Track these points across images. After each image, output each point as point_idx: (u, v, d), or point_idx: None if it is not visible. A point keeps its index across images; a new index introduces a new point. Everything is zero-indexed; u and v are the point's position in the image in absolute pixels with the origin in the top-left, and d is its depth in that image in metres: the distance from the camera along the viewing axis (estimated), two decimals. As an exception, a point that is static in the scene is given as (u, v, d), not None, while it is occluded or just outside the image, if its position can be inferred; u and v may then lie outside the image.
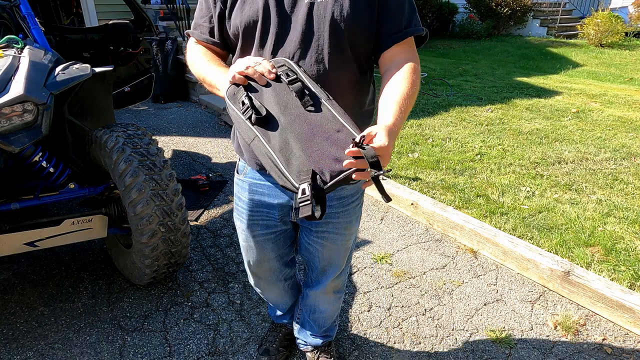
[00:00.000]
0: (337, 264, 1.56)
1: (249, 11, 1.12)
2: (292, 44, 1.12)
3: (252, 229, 1.43)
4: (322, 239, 1.44)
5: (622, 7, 12.00)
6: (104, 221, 2.19)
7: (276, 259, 1.54)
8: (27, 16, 2.51)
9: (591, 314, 2.21)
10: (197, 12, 1.26)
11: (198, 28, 1.25)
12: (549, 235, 2.68)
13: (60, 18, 6.09)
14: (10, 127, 1.78)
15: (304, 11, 1.10)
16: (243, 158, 1.35)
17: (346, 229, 1.44)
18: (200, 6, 1.23)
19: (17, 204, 2.04)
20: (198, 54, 1.24)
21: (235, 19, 1.15)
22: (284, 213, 1.39)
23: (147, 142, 2.13)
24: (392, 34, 1.14)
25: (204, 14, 1.22)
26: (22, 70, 1.90)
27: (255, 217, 1.41)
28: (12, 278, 2.44)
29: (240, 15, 1.14)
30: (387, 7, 1.13)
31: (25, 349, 1.96)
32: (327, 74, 1.12)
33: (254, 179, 1.36)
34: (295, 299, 1.83)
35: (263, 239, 1.45)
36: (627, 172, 3.61)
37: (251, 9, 1.12)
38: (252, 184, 1.37)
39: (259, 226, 1.42)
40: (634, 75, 7.61)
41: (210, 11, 1.19)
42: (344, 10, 1.09)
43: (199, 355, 1.95)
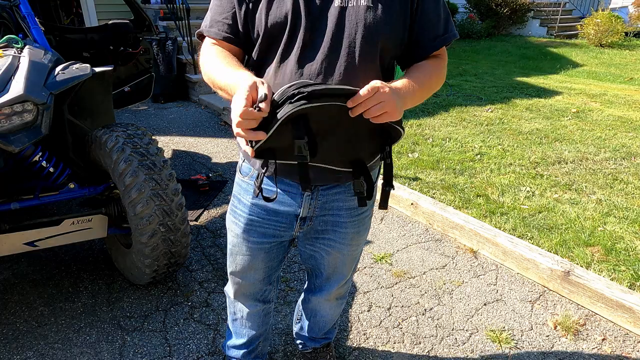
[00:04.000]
0: (342, 273, 1.52)
1: (277, 12, 1.05)
2: (321, 51, 1.05)
3: (249, 234, 1.34)
4: (328, 247, 1.39)
5: (622, 7, 12.01)
6: (104, 221, 2.19)
7: (264, 270, 1.44)
8: (27, 16, 2.51)
9: (591, 313, 2.21)
10: (214, 8, 1.15)
11: (215, 26, 1.14)
12: (549, 235, 2.68)
13: (60, 18, 6.09)
14: (10, 127, 1.78)
15: (334, 16, 1.03)
16: (250, 163, 1.28)
17: (353, 240, 1.38)
18: (219, 2, 1.13)
19: (17, 204, 2.04)
20: (214, 55, 1.13)
21: (260, 18, 1.07)
22: (287, 223, 1.30)
23: (147, 142, 2.13)
24: (429, 41, 1.10)
25: (225, 9, 1.12)
26: (22, 70, 1.90)
27: (254, 223, 1.32)
28: (12, 278, 2.44)
29: (266, 15, 1.06)
30: (424, 14, 1.07)
31: (25, 349, 1.96)
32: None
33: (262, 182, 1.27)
34: (262, 331, 1.69)
35: (257, 247, 1.36)
36: (627, 172, 3.61)
37: (279, 9, 1.04)
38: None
39: (256, 233, 1.33)
40: (634, 75, 7.61)
41: (234, 7, 1.10)
42: (378, 16, 1.03)
43: (199, 355, 1.95)
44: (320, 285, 1.57)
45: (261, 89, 0.89)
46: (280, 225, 1.31)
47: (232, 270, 1.48)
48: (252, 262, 1.40)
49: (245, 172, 1.31)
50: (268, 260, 1.41)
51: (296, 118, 0.93)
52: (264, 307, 1.60)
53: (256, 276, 1.46)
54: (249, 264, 1.41)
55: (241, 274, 1.46)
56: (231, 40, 1.14)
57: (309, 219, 1.29)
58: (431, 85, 1.13)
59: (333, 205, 1.27)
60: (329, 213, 1.29)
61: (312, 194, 1.23)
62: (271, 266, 1.44)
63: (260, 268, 1.43)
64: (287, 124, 0.93)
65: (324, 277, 1.52)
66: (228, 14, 1.12)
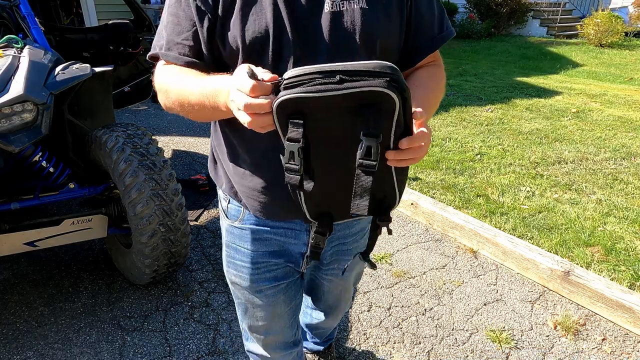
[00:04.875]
0: (346, 298, 1.44)
1: (256, 24, 0.86)
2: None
3: (258, 285, 1.16)
4: (331, 275, 1.27)
5: (622, 7, 12.01)
6: (104, 221, 2.19)
7: (288, 314, 1.27)
8: (27, 16, 2.51)
9: (591, 313, 2.21)
10: (168, 27, 0.93)
11: (174, 49, 0.93)
12: (549, 235, 2.68)
13: (60, 18, 6.09)
14: (10, 127, 1.78)
15: (327, 24, 0.87)
16: (237, 199, 1.08)
17: (357, 263, 1.27)
18: (175, 19, 0.92)
19: (17, 204, 2.04)
20: (177, 72, 0.93)
21: (234, 33, 0.88)
22: (293, 262, 1.16)
23: (147, 142, 2.13)
24: (426, 42, 0.99)
25: (184, 29, 0.91)
26: (22, 70, 1.90)
27: (261, 270, 1.14)
28: (12, 278, 2.44)
29: (241, 30, 0.87)
30: (418, 13, 0.96)
31: (25, 349, 1.96)
32: None
33: (258, 225, 1.09)
34: None
35: (273, 292, 1.18)
36: (627, 172, 3.61)
37: (258, 21, 0.86)
38: (255, 231, 1.10)
39: (267, 280, 1.15)
40: (634, 75, 7.61)
41: (194, 25, 0.90)
42: (376, 19, 0.89)
43: (199, 355, 1.95)
44: (322, 309, 1.47)
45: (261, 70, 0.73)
46: (288, 266, 1.16)
47: (252, 325, 1.29)
48: (275, 309, 1.22)
49: (234, 214, 1.11)
50: (289, 300, 1.23)
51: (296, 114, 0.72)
52: (297, 350, 1.43)
53: (282, 323, 1.28)
54: (272, 313, 1.23)
55: (265, 328, 1.28)
56: (195, 65, 0.92)
57: None
58: (436, 104, 1.01)
59: (339, 235, 1.17)
60: (335, 243, 1.18)
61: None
62: (295, 305, 1.27)
63: (284, 313, 1.25)
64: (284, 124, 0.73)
65: (326, 304, 1.42)
66: (188, 33, 0.91)
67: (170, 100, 0.94)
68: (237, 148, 1.01)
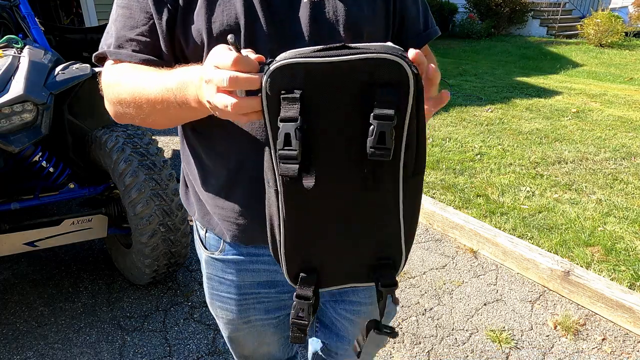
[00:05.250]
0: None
1: (224, 15, 0.75)
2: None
3: (246, 314, 1.01)
4: (352, 313, 1.04)
5: (622, 7, 12.01)
6: (104, 221, 2.19)
7: (278, 342, 1.13)
8: (27, 16, 2.51)
9: (591, 313, 2.21)
10: (118, 21, 0.80)
11: (127, 45, 0.79)
12: (549, 235, 2.68)
13: (60, 18, 6.10)
14: (10, 127, 1.78)
15: (306, 14, 0.77)
16: (213, 228, 0.94)
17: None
18: (127, 12, 0.78)
19: (17, 204, 2.04)
20: (129, 69, 0.79)
21: (198, 26, 0.76)
22: (288, 291, 0.99)
23: (147, 142, 2.13)
24: (411, 39, 0.91)
25: (139, 22, 0.78)
26: (22, 70, 1.90)
27: (249, 302, 0.99)
28: (12, 278, 2.44)
29: (207, 21, 0.75)
30: (404, 7, 0.88)
31: (25, 349, 1.96)
32: None
33: (241, 254, 0.94)
34: None
35: (261, 323, 1.03)
36: (627, 172, 3.61)
37: (226, 12, 0.75)
38: (239, 262, 0.95)
39: (256, 310, 1.00)
40: (634, 75, 7.61)
41: (151, 17, 0.77)
42: (360, 10, 0.80)
43: (199, 355, 1.95)
44: (337, 349, 1.15)
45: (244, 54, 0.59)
46: (283, 296, 0.99)
47: (241, 354, 1.17)
48: (261, 338, 1.09)
49: (214, 244, 0.97)
50: (280, 332, 1.09)
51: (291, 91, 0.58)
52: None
53: (271, 350, 1.15)
54: (258, 340, 1.09)
55: (253, 354, 1.15)
56: (153, 63, 0.79)
57: None
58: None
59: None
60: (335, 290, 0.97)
61: None
62: (286, 336, 1.12)
63: (273, 341, 1.11)
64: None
65: (343, 345, 1.13)
66: (143, 28, 0.78)
67: (122, 102, 0.78)
68: (206, 161, 0.89)
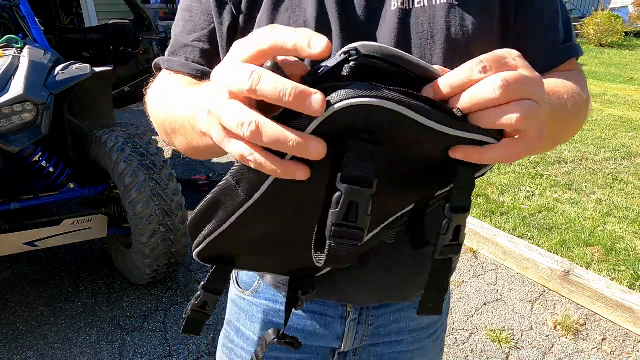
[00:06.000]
0: None
1: (290, 22, 0.61)
2: None
3: None
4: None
5: (622, 7, 12.01)
6: (104, 221, 2.19)
7: None
8: (27, 16, 2.51)
9: (591, 313, 2.21)
10: (178, 25, 0.69)
11: (181, 52, 0.67)
12: (549, 235, 2.68)
13: (60, 18, 6.10)
14: (10, 127, 1.78)
15: (393, 23, 0.60)
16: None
17: None
18: (187, 15, 0.67)
19: (17, 204, 2.05)
20: (172, 81, 0.67)
21: None
22: (319, 359, 0.82)
23: (147, 142, 2.13)
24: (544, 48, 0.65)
25: (197, 26, 0.66)
26: (22, 70, 1.90)
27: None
28: (12, 278, 2.44)
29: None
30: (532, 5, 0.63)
31: (25, 349, 1.96)
32: None
33: (276, 302, 0.78)
34: None
35: None
36: (627, 172, 3.61)
37: (293, 19, 0.61)
38: (270, 311, 0.79)
39: None
40: (634, 75, 7.61)
41: (211, 21, 0.65)
42: (470, 19, 0.60)
43: (199, 355, 1.95)
44: None
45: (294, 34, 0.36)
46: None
47: None
48: None
49: (247, 282, 0.82)
50: None
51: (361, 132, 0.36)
52: None
53: None
54: None
55: None
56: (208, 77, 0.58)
57: (353, 352, 0.81)
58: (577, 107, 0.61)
59: (391, 329, 0.80)
60: (384, 341, 0.81)
61: (358, 316, 0.77)
62: None
63: None
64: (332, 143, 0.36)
65: None
66: (202, 32, 0.66)
67: (156, 119, 0.64)
68: None
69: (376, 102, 0.34)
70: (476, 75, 0.36)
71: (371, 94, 0.34)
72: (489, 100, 0.35)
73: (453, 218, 0.44)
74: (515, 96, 0.35)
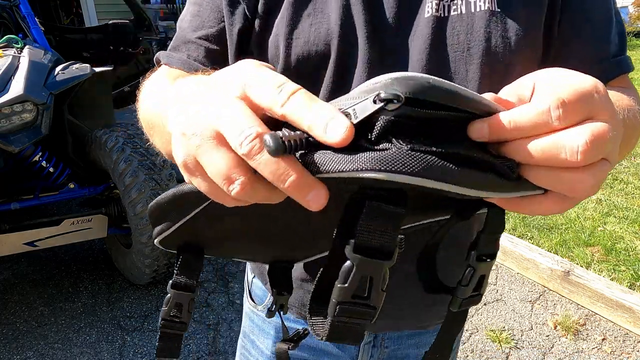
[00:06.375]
0: None
1: (312, 30, 0.54)
2: None
3: None
4: None
5: (622, 7, 12.02)
6: (104, 221, 2.19)
7: None
8: (27, 16, 2.51)
9: (591, 313, 2.21)
10: (185, 19, 0.62)
11: (183, 48, 0.61)
12: (549, 235, 2.68)
13: (60, 18, 6.10)
14: (10, 127, 1.78)
15: (426, 32, 0.53)
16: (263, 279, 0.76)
17: None
18: (196, 9, 0.61)
19: (17, 204, 2.05)
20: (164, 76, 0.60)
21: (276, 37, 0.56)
22: None
23: (147, 142, 2.13)
24: (591, 65, 0.56)
25: (205, 22, 0.59)
26: (22, 70, 1.90)
27: None
28: (12, 278, 2.44)
29: (289, 32, 0.55)
30: (581, 11, 0.56)
31: (25, 349, 1.96)
32: None
33: (287, 319, 0.75)
34: None
35: None
36: (627, 172, 3.61)
37: (315, 25, 0.54)
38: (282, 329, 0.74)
39: None
40: (633, 75, 7.62)
41: (222, 20, 0.58)
42: (511, 32, 0.52)
43: (199, 355, 1.95)
44: None
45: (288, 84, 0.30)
46: None
47: None
48: None
49: (259, 296, 0.78)
50: None
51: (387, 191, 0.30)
52: None
53: None
54: None
55: None
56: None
57: None
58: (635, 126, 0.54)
59: (409, 353, 0.77)
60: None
61: (373, 339, 0.74)
62: None
63: None
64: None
65: None
66: (209, 30, 0.59)
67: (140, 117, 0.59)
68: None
69: (412, 180, 0.26)
70: (554, 121, 0.27)
71: (408, 169, 0.26)
72: (565, 162, 0.28)
73: (478, 267, 0.37)
74: (596, 159, 0.28)
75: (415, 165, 0.25)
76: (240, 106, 0.29)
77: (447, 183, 0.27)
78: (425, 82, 0.26)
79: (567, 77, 0.29)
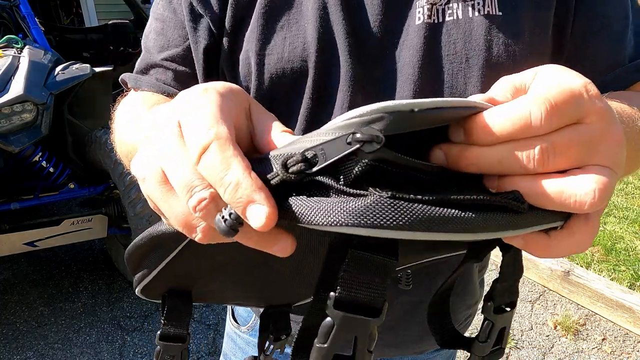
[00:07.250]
0: None
1: (285, 44, 0.49)
2: None
3: None
4: None
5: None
6: (104, 221, 2.19)
7: None
8: (27, 16, 2.51)
9: (591, 313, 2.21)
10: (151, 36, 0.56)
11: (152, 71, 0.56)
12: (549, 235, 2.69)
13: (60, 18, 6.11)
14: (10, 127, 1.78)
15: (418, 42, 0.47)
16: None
17: None
18: (160, 26, 0.55)
19: (17, 204, 2.05)
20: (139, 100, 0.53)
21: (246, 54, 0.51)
22: None
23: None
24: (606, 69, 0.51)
25: (170, 42, 0.54)
26: (22, 70, 1.90)
27: None
28: (12, 278, 2.44)
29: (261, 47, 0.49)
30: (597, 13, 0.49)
31: (25, 349, 1.96)
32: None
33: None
34: None
35: None
36: (627, 172, 3.62)
37: (289, 39, 0.49)
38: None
39: None
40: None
41: (187, 38, 0.53)
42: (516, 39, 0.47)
43: (199, 355, 1.95)
44: None
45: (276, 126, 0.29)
46: None
47: None
48: None
49: (243, 317, 0.74)
50: None
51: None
52: None
53: None
54: None
55: None
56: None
57: None
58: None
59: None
60: None
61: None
62: None
63: None
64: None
65: None
66: (177, 50, 0.54)
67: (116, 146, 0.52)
68: None
69: (399, 235, 0.23)
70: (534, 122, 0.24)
71: (392, 223, 0.22)
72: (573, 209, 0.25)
73: (497, 320, 0.33)
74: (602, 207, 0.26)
75: (399, 218, 0.22)
76: (179, 150, 0.26)
77: (440, 232, 0.23)
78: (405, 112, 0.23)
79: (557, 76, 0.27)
